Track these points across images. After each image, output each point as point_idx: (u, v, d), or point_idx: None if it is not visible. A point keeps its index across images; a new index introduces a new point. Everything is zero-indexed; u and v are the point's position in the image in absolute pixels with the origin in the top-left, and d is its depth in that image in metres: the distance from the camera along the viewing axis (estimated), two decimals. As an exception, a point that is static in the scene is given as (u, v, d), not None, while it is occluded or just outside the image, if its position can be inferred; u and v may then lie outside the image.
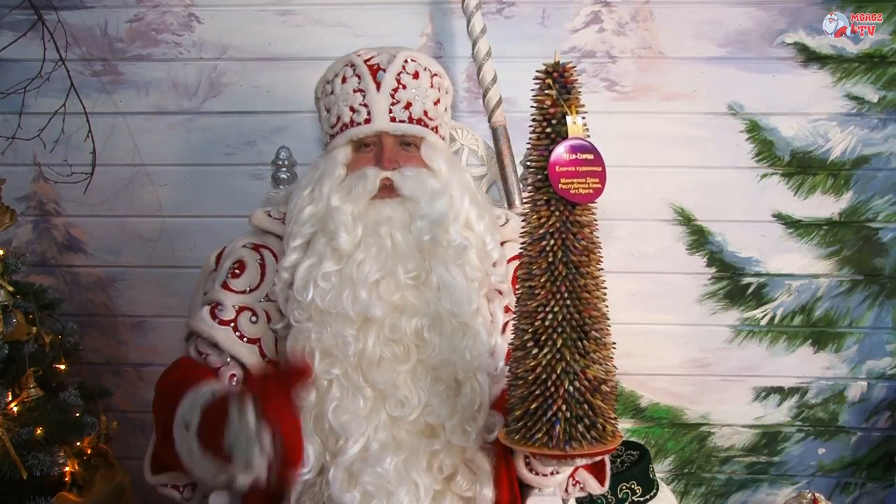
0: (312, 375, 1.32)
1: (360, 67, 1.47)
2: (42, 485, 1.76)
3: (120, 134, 2.26)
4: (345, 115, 1.46)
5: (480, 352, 1.37)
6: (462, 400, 1.35)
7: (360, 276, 1.36)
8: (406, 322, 1.35)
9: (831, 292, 2.26)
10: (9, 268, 1.85)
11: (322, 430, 1.33)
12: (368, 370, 1.34)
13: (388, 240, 1.38)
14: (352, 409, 1.32)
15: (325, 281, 1.37)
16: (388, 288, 1.36)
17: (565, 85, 1.10)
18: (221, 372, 1.45)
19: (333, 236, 1.38)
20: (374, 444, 1.31)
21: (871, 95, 2.18)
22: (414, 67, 1.48)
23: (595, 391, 1.09)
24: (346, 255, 1.38)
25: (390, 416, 1.34)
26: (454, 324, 1.37)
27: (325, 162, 1.48)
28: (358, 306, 1.34)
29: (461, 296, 1.37)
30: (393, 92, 1.45)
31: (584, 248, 1.09)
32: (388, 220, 1.40)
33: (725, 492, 2.36)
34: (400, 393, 1.33)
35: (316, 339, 1.35)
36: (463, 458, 1.35)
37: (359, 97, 1.45)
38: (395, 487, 1.29)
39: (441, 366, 1.35)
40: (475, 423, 1.34)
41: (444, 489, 1.35)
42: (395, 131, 1.45)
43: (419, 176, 1.43)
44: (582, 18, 2.20)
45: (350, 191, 1.42)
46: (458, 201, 1.44)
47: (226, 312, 1.45)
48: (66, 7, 2.21)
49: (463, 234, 1.42)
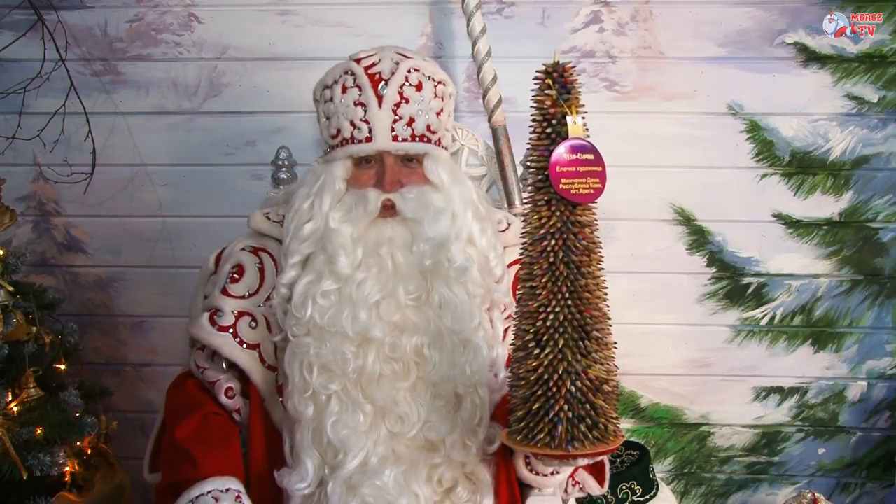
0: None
1: (361, 77, 1.41)
2: (42, 485, 1.76)
3: (120, 134, 2.26)
4: (345, 130, 1.42)
5: (481, 366, 1.36)
6: (462, 415, 1.34)
7: (360, 297, 1.34)
8: (406, 340, 1.34)
9: (831, 292, 2.26)
10: (9, 268, 1.85)
11: (320, 443, 1.32)
12: (368, 387, 1.33)
13: (388, 260, 1.37)
14: (351, 425, 1.31)
15: (323, 299, 1.35)
16: (388, 309, 1.35)
17: (565, 85, 1.09)
18: (217, 386, 1.45)
19: (332, 259, 1.36)
20: (373, 458, 1.31)
21: (871, 95, 2.18)
22: (417, 78, 1.42)
23: (597, 391, 1.09)
24: (346, 276, 1.36)
25: (390, 432, 1.33)
26: (455, 340, 1.35)
27: (324, 173, 1.45)
28: (357, 326, 1.33)
29: (463, 312, 1.36)
30: (395, 107, 1.40)
31: (585, 248, 1.09)
32: (390, 240, 1.38)
33: (725, 492, 2.36)
34: (400, 409, 1.32)
35: (315, 355, 1.34)
36: (463, 471, 1.35)
37: (360, 112, 1.40)
38: (394, 499, 1.29)
39: (441, 382, 1.34)
40: (476, 437, 1.34)
41: (444, 500, 1.35)
42: (397, 151, 1.41)
43: (421, 196, 1.40)
44: (582, 18, 2.20)
45: (350, 210, 1.40)
46: (461, 217, 1.41)
47: (225, 318, 1.44)
48: (66, 7, 2.21)
49: (465, 253, 1.40)
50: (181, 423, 1.39)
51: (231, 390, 1.45)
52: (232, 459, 1.38)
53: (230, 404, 1.45)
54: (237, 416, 1.46)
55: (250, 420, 1.44)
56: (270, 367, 1.45)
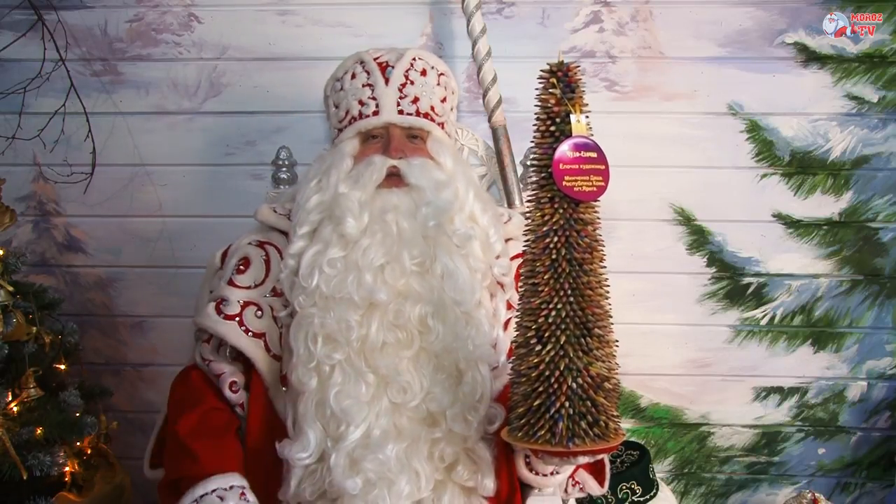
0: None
1: (370, 64, 1.52)
2: (42, 485, 1.76)
3: (120, 134, 2.26)
4: (353, 109, 1.50)
5: (483, 342, 1.38)
6: (464, 388, 1.35)
7: (366, 262, 1.37)
8: (410, 308, 1.36)
9: (831, 292, 2.26)
10: (9, 268, 1.85)
11: (323, 415, 1.33)
12: (371, 355, 1.35)
13: (393, 226, 1.40)
14: (354, 395, 1.32)
15: (330, 267, 1.38)
16: (393, 273, 1.37)
17: (569, 84, 1.11)
18: (222, 380, 1.45)
19: (340, 221, 1.40)
20: (375, 430, 1.32)
21: (871, 95, 2.18)
22: (422, 65, 1.53)
23: (598, 388, 1.09)
24: (353, 240, 1.39)
25: (392, 403, 1.34)
26: (457, 312, 1.37)
27: (332, 154, 1.51)
28: (363, 291, 1.35)
29: (464, 285, 1.39)
30: (401, 87, 1.49)
31: (588, 246, 1.10)
32: (395, 207, 1.42)
33: (725, 492, 2.36)
34: (402, 379, 1.34)
35: (319, 324, 1.35)
36: (464, 447, 1.35)
37: (367, 91, 1.49)
38: (395, 476, 1.29)
39: (444, 353, 1.36)
40: (476, 412, 1.35)
41: (445, 479, 1.35)
42: (402, 123, 1.48)
43: (425, 166, 1.45)
44: (582, 18, 2.20)
45: (357, 179, 1.44)
46: (464, 193, 1.46)
47: (231, 307, 1.46)
48: (66, 7, 2.21)
49: (467, 225, 1.44)
50: (182, 418, 1.40)
51: (235, 384, 1.45)
52: (233, 454, 1.39)
53: (234, 398, 1.45)
54: (240, 410, 1.46)
55: (250, 405, 1.44)
56: (275, 356, 1.45)
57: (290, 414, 1.39)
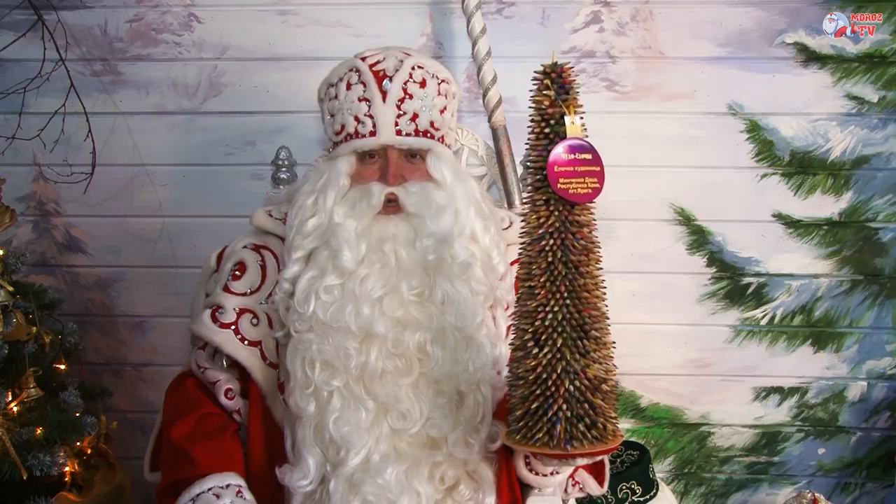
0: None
1: (366, 74, 1.42)
2: (42, 485, 1.76)
3: (120, 134, 2.26)
4: (349, 125, 1.42)
5: (484, 363, 1.35)
6: (465, 412, 1.34)
7: (364, 293, 1.34)
8: (409, 336, 1.34)
9: (831, 292, 2.26)
10: (9, 268, 1.85)
11: (322, 440, 1.32)
12: (370, 383, 1.33)
13: (392, 256, 1.37)
14: (353, 421, 1.31)
15: (326, 294, 1.35)
16: (391, 304, 1.35)
17: (563, 85, 1.10)
18: (217, 387, 1.45)
19: (336, 254, 1.36)
20: (375, 455, 1.31)
21: (871, 95, 2.18)
22: (421, 75, 1.43)
23: (595, 390, 1.09)
24: (349, 272, 1.36)
25: (392, 429, 1.33)
26: (458, 337, 1.35)
27: (329, 169, 1.45)
28: (360, 322, 1.33)
29: (466, 309, 1.36)
30: (399, 103, 1.40)
31: (584, 248, 1.09)
32: (393, 236, 1.38)
33: (725, 492, 2.36)
34: (402, 406, 1.32)
35: (317, 350, 1.33)
36: (465, 469, 1.35)
37: (364, 107, 1.40)
38: (396, 497, 1.29)
39: (444, 379, 1.34)
40: (478, 434, 1.34)
41: (446, 497, 1.35)
42: (400, 145, 1.41)
43: (424, 191, 1.40)
44: (582, 18, 2.20)
45: (354, 205, 1.40)
46: (464, 215, 1.41)
47: (227, 315, 1.44)
48: (66, 7, 2.21)
49: (468, 250, 1.39)
50: (177, 424, 1.40)
51: (231, 391, 1.45)
52: (230, 454, 1.38)
53: (230, 405, 1.45)
54: (237, 416, 1.46)
55: (250, 418, 1.44)
56: (272, 364, 1.44)
57: (288, 436, 1.38)
